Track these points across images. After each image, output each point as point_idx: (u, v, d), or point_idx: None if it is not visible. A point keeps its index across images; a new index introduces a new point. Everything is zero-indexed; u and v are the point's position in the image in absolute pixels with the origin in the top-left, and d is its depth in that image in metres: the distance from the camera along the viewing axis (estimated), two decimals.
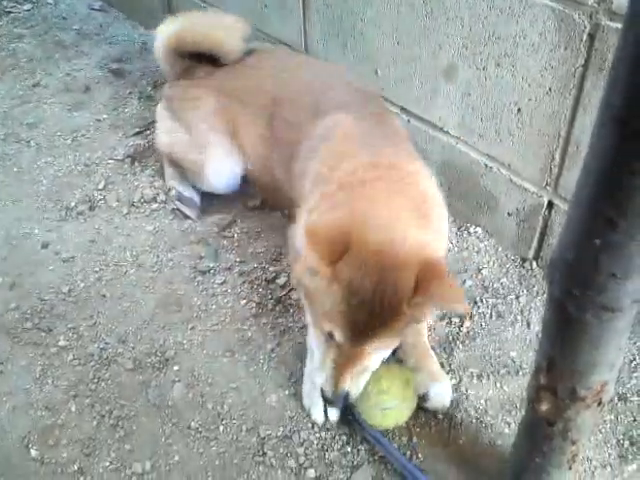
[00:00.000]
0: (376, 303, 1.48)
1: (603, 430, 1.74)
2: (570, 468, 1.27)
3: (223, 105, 2.33)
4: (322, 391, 1.66)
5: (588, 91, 1.73)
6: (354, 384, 1.63)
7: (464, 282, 2.11)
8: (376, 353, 1.62)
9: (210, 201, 2.49)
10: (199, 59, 2.42)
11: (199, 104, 2.36)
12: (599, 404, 1.08)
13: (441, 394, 1.79)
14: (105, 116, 2.94)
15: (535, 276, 2.11)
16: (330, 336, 1.59)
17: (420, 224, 1.62)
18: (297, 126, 2.09)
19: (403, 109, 2.27)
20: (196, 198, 2.47)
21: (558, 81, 1.78)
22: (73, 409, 1.87)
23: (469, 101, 2.04)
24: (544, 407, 1.14)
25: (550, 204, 1.99)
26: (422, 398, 1.78)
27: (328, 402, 1.68)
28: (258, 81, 2.31)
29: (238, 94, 2.32)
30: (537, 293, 2.07)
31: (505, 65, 1.89)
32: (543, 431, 1.20)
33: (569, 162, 1.86)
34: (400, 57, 2.18)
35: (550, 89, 1.81)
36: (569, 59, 1.73)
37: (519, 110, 1.91)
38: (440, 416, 1.79)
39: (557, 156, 1.88)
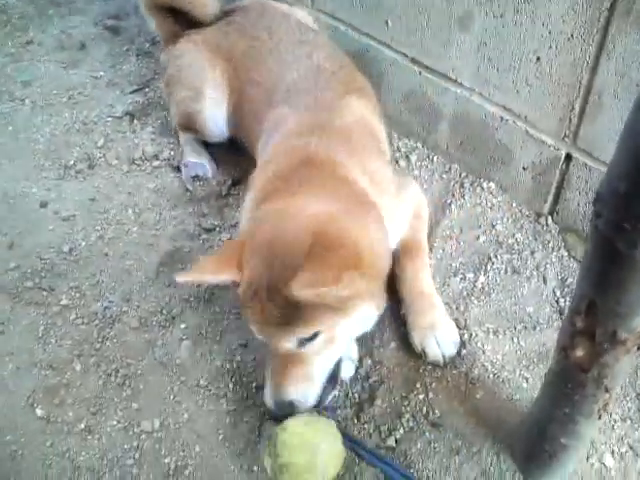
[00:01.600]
0: (271, 289, 1.43)
1: (623, 384, 1.71)
2: (599, 417, 1.24)
3: (212, 53, 2.26)
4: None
5: (613, 36, 1.66)
6: (298, 391, 1.52)
7: (477, 238, 2.07)
8: (314, 355, 1.53)
9: (215, 160, 2.42)
10: (184, 24, 2.38)
11: (192, 52, 2.30)
12: (639, 348, 1.04)
13: (437, 346, 1.75)
14: (102, 73, 2.84)
15: (550, 231, 2.06)
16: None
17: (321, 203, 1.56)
18: (257, 115, 2.04)
19: (414, 61, 2.19)
20: (207, 165, 2.39)
21: (581, 27, 1.71)
22: (78, 368, 1.83)
23: (485, 51, 1.96)
24: (579, 353, 1.10)
25: (568, 157, 1.93)
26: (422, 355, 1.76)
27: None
28: (235, 48, 2.23)
29: (222, 52, 2.25)
30: (552, 249, 2.02)
31: (525, 11, 1.81)
32: (575, 379, 1.16)
33: (590, 112, 1.80)
34: (412, 6, 2.10)
35: (572, 35, 1.74)
36: (594, 2, 1.66)
37: (538, 59, 1.84)
38: (455, 372, 1.75)
39: (577, 106, 1.82)
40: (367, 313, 1.58)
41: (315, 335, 1.49)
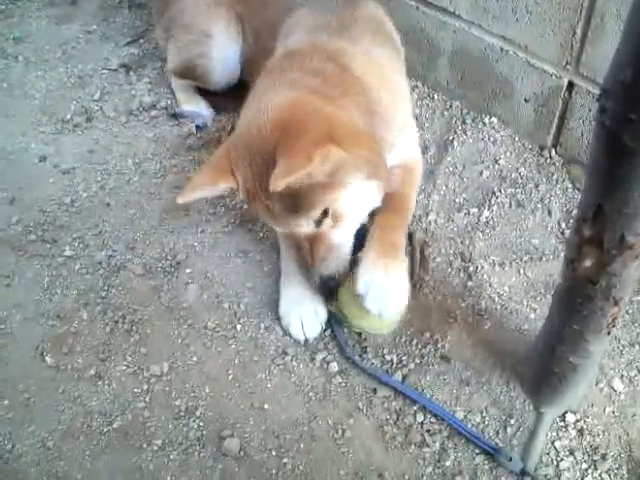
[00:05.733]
0: (263, 188, 1.44)
1: (630, 311, 1.71)
2: (609, 333, 1.23)
3: None
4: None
5: None
6: (332, 265, 1.61)
7: (481, 173, 2.04)
8: (333, 230, 1.58)
9: (212, 105, 2.39)
10: None
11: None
12: None
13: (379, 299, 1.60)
14: (95, 27, 2.79)
15: (554, 164, 2.04)
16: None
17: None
18: (271, 30, 1.97)
19: None
20: (205, 111, 2.37)
21: None
22: (85, 317, 1.83)
23: None
24: (587, 264, 1.08)
25: (570, 85, 1.89)
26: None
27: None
28: None
29: None
30: (557, 181, 2.00)
31: None
32: (584, 292, 1.15)
33: (592, 36, 1.76)
34: None
35: None
36: None
37: None
38: (463, 304, 1.75)
39: (579, 31, 1.78)
40: (367, 186, 1.58)
41: (325, 212, 1.53)
